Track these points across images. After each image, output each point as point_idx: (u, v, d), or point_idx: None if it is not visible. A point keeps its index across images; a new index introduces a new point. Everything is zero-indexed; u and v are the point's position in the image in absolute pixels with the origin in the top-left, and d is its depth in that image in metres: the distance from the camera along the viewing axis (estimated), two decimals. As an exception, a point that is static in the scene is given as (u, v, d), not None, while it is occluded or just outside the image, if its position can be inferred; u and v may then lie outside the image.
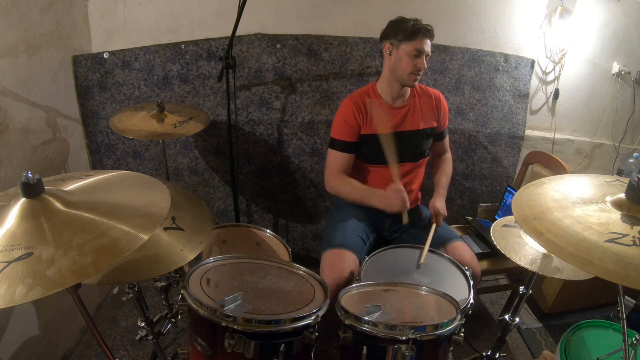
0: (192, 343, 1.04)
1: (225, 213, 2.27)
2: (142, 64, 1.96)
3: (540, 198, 0.99)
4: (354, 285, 1.18)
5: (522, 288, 1.38)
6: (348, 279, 1.38)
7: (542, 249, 1.29)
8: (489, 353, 1.54)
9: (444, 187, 1.73)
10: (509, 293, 2.08)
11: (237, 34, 1.62)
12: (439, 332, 0.99)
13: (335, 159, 1.60)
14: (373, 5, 1.97)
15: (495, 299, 2.26)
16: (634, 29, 2.12)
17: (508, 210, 1.98)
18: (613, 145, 2.32)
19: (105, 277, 1.04)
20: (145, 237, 0.78)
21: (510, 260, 1.28)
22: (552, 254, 1.27)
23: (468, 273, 1.32)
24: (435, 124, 1.68)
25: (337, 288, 1.29)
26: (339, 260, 1.42)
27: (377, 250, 1.43)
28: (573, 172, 2.19)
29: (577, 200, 0.94)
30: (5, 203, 0.81)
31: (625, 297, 1.38)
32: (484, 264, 1.77)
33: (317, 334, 1.01)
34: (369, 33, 1.98)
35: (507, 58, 2.11)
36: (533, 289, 1.43)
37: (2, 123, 1.41)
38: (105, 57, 1.92)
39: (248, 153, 2.14)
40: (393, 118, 1.60)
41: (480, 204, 2.27)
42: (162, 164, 1.94)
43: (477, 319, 2.07)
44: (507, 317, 1.42)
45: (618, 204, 0.89)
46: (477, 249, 1.80)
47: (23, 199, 0.79)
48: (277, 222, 2.33)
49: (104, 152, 2.08)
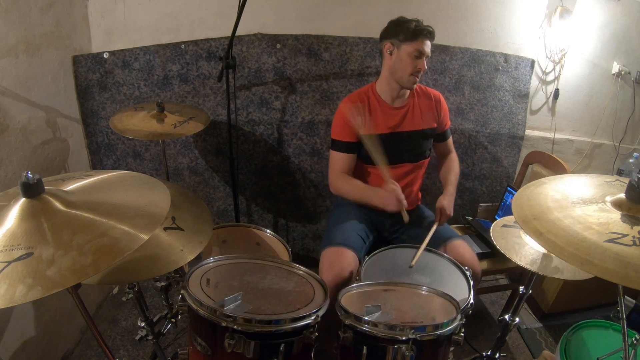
0: (192, 343, 1.04)
1: (225, 213, 2.27)
2: (142, 64, 1.96)
3: (540, 198, 0.99)
4: (354, 285, 1.18)
5: (522, 288, 1.38)
6: (347, 277, 1.38)
7: (542, 249, 1.29)
8: (489, 353, 1.54)
9: (453, 184, 1.70)
10: (509, 293, 2.08)
11: (237, 34, 1.62)
12: (439, 332, 0.99)
13: (338, 160, 1.60)
14: (373, 5, 1.97)
15: (495, 299, 2.26)
16: (634, 29, 2.12)
17: (508, 210, 1.98)
18: (613, 145, 2.32)
19: (105, 277, 1.04)
20: (145, 237, 0.78)
21: (510, 260, 1.28)
22: (552, 254, 1.27)
23: (468, 273, 1.32)
24: (435, 125, 1.68)
25: (336, 286, 1.30)
26: (339, 258, 1.42)
27: (377, 250, 1.43)
28: (573, 172, 2.19)
29: (577, 200, 0.94)
30: (5, 203, 0.81)
31: (625, 297, 1.38)
32: (484, 264, 1.77)
33: (317, 334, 1.01)
34: (369, 33, 1.98)
35: (507, 58, 2.11)
36: (533, 289, 1.43)
37: (2, 123, 1.41)
38: (105, 57, 1.92)
39: (248, 153, 2.14)
40: (392, 118, 1.60)
41: (480, 204, 2.27)
42: (162, 164, 1.94)
43: (477, 319, 2.07)
44: (507, 317, 1.42)
45: (618, 204, 0.89)
46: (477, 249, 1.80)
47: (23, 199, 0.79)
48: (277, 222, 2.33)
49: (104, 152, 2.08)
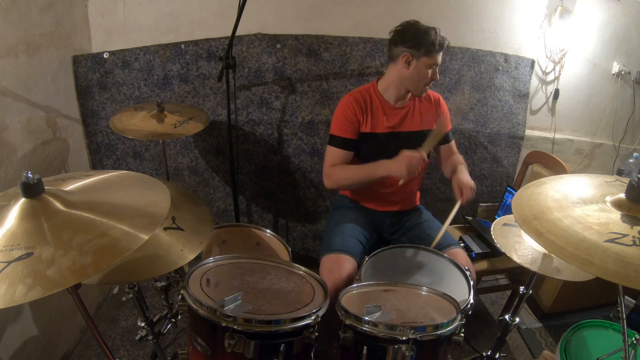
0: (192, 343, 1.04)
1: (225, 213, 2.27)
2: (142, 64, 1.96)
3: (540, 198, 0.99)
4: (354, 285, 1.18)
5: (522, 288, 1.38)
6: (347, 284, 1.38)
7: (542, 249, 1.29)
8: (489, 353, 1.54)
9: (464, 164, 1.65)
10: (509, 293, 2.08)
11: (237, 34, 1.62)
12: (439, 332, 0.99)
13: (334, 156, 1.58)
14: (373, 5, 1.97)
15: (495, 299, 2.26)
16: (634, 29, 2.12)
17: (508, 210, 1.97)
18: (613, 145, 2.32)
19: (105, 277, 1.04)
20: (145, 237, 0.78)
21: (510, 260, 1.28)
22: (552, 254, 1.26)
23: (468, 273, 1.32)
24: (435, 127, 1.68)
25: (336, 292, 1.29)
26: (338, 265, 1.42)
27: (377, 251, 1.43)
28: (573, 172, 2.19)
29: (577, 200, 0.94)
30: (5, 203, 0.81)
31: (625, 297, 1.38)
32: (484, 264, 1.77)
33: (317, 334, 1.01)
34: (369, 33, 1.98)
35: (507, 58, 2.11)
36: (533, 289, 1.42)
37: (2, 123, 1.41)
38: (105, 57, 1.92)
39: (248, 153, 2.14)
40: (393, 118, 1.60)
41: (480, 204, 2.27)
42: (162, 164, 1.94)
43: (477, 319, 2.07)
44: (507, 317, 1.42)
45: (618, 204, 0.89)
46: (477, 249, 1.80)
47: (23, 199, 0.79)
48: (277, 222, 2.33)
49: (104, 152, 2.08)
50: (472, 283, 1.28)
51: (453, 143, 1.78)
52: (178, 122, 1.66)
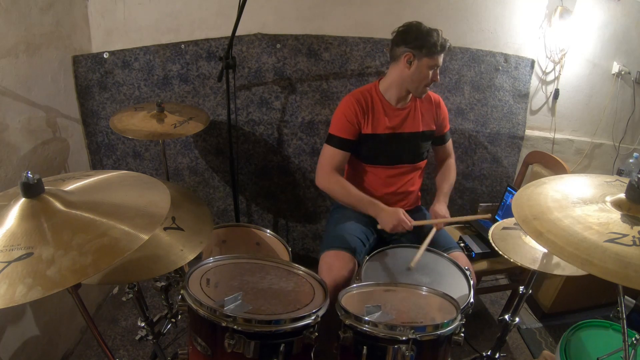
0: (192, 343, 1.04)
1: (225, 213, 2.27)
2: (142, 64, 1.96)
3: (540, 198, 0.99)
4: (354, 286, 1.18)
5: (522, 288, 1.38)
6: (346, 281, 1.38)
7: (542, 249, 1.29)
8: (489, 353, 1.54)
9: (446, 194, 1.70)
10: (509, 293, 2.07)
11: (237, 34, 1.62)
12: (439, 332, 0.99)
13: (330, 156, 1.58)
14: (373, 5, 1.97)
15: (495, 299, 2.26)
16: (634, 29, 2.12)
17: (508, 210, 1.98)
18: (613, 145, 2.32)
19: (105, 277, 1.04)
20: (145, 237, 0.78)
21: (510, 260, 1.28)
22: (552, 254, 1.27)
23: (468, 273, 1.33)
24: (434, 127, 1.68)
25: (335, 289, 1.29)
26: (338, 262, 1.42)
27: (377, 250, 1.43)
28: (573, 172, 2.19)
29: (577, 200, 0.94)
30: (5, 203, 0.81)
31: (625, 297, 1.38)
32: (484, 264, 1.77)
33: (317, 334, 1.01)
34: (369, 33, 1.98)
35: (507, 58, 2.11)
36: (533, 289, 1.43)
37: (2, 123, 1.41)
38: (105, 57, 1.92)
39: (248, 153, 2.14)
40: (394, 119, 1.60)
41: (480, 204, 2.27)
42: (162, 164, 1.94)
43: (477, 319, 2.07)
44: (507, 317, 1.42)
45: (618, 204, 0.89)
46: (477, 249, 1.80)
47: (23, 199, 0.79)
48: (277, 222, 2.33)
49: (104, 152, 2.08)
50: (472, 283, 1.28)
51: (450, 144, 1.78)
52: (178, 122, 1.66)
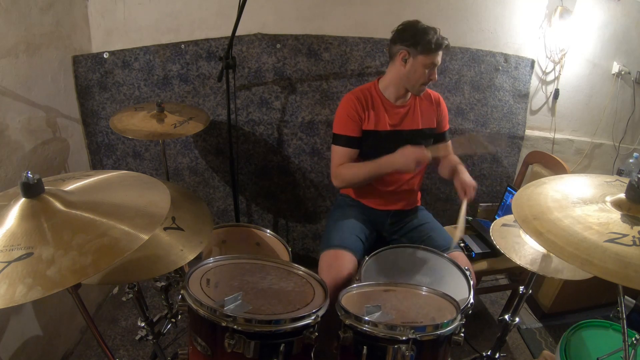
0: (192, 343, 1.04)
1: (225, 213, 2.27)
2: (142, 64, 1.96)
3: (540, 198, 0.99)
4: (354, 285, 1.18)
5: (522, 288, 1.38)
6: (346, 279, 1.38)
7: (542, 249, 1.29)
8: (489, 353, 1.54)
9: (461, 164, 1.65)
10: (509, 293, 2.07)
11: (237, 34, 1.62)
12: (439, 332, 0.99)
13: (340, 155, 1.57)
14: (373, 5, 1.97)
15: (495, 299, 2.26)
16: (634, 29, 2.12)
17: (508, 210, 1.97)
18: (613, 145, 2.32)
19: (105, 277, 1.04)
20: (145, 237, 0.78)
21: (510, 260, 1.28)
22: (551, 254, 1.27)
23: (468, 273, 1.33)
24: (434, 126, 1.68)
25: (335, 288, 1.30)
26: (337, 261, 1.42)
27: (377, 250, 1.43)
28: (573, 172, 2.19)
29: (577, 200, 0.94)
30: (5, 203, 0.81)
31: (625, 297, 1.38)
32: (484, 264, 1.77)
33: (317, 334, 1.01)
34: (369, 33, 1.98)
35: (507, 58, 2.11)
36: (533, 289, 1.43)
37: (2, 123, 1.41)
38: (105, 57, 1.92)
39: (248, 153, 2.14)
40: (394, 116, 1.60)
41: (480, 204, 2.28)
42: (162, 164, 1.94)
43: (477, 319, 2.07)
44: (507, 317, 1.42)
45: (618, 204, 0.89)
46: (477, 249, 1.80)
47: (23, 199, 0.79)
48: (277, 222, 2.33)
49: (104, 152, 2.08)
50: (472, 283, 1.28)
51: (450, 143, 1.78)
52: (178, 122, 1.66)
